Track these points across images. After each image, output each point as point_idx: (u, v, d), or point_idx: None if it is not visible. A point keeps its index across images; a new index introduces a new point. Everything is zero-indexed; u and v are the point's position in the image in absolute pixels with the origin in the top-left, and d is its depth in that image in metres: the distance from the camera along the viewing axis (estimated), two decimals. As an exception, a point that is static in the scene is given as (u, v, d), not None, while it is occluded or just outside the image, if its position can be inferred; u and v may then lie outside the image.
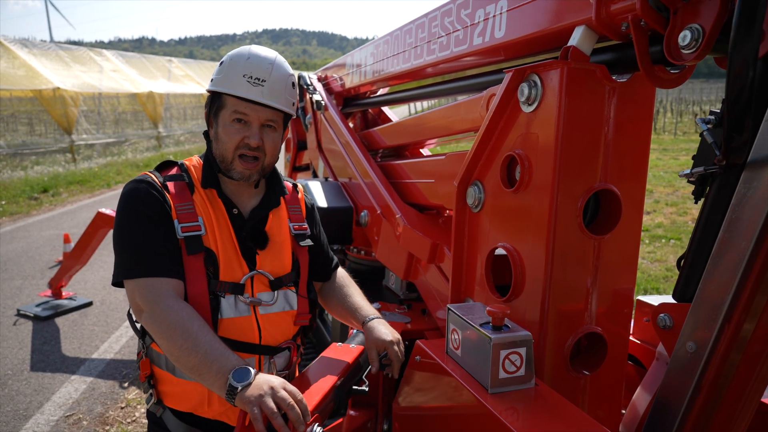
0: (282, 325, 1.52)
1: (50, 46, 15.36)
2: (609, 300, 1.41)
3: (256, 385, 1.17)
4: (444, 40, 1.92)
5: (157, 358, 1.45)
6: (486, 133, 1.51)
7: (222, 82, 1.43)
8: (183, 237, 1.36)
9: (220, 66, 1.46)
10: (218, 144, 1.46)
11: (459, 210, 1.65)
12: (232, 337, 1.42)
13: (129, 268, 1.34)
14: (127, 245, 1.36)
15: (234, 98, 1.41)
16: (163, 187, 1.40)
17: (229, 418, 1.48)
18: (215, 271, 1.40)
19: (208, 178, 1.46)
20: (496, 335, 1.17)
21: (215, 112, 1.46)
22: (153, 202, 1.37)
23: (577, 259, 1.35)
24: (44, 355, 3.96)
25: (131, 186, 1.40)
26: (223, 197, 1.47)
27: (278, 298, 1.51)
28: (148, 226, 1.35)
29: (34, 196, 10.30)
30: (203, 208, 1.43)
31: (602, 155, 1.34)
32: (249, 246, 1.47)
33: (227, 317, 1.41)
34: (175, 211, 1.38)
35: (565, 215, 1.31)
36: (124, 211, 1.38)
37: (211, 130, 1.49)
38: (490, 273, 1.57)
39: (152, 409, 1.48)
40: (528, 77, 1.36)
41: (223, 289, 1.40)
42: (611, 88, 1.32)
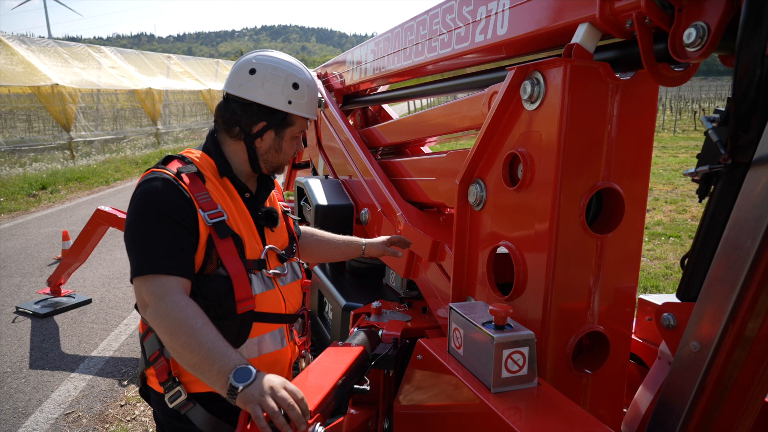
0: (296, 293, 1.67)
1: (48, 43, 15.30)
2: (611, 299, 1.41)
3: (256, 385, 1.18)
4: (445, 37, 1.91)
5: None
6: (488, 131, 1.51)
7: (305, 108, 1.57)
8: (211, 224, 1.42)
9: (296, 89, 1.54)
10: (279, 155, 1.59)
11: (460, 208, 1.65)
12: (267, 310, 1.53)
13: (139, 265, 1.35)
14: (138, 243, 1.38)
15: (303, 119, 1.59)
16: (178, 179, 1.43)
17: None
18: (243, 252, 1.48)
19: (224, 169, 1.54)
20: (498, 334, 1.16)
21: (281, 127, 1.56)
22: (171, 199, 1.39)
23: (579, 257, 1.35)
24: (43, 353, 3.95)
25: (147, 184, 1.41)
26: (236, 183, 1.56)
27: (288, 269, 1.65)
28: (166, 222, 1.37)
29: (33, 193, 10.27)
30: (219, 196, 1.49)
31: (605, 153, 1.33)
32: (260, 224, 1.58)
33: (260, 292, 1.51)
34: (196, 201, 1.42)
35: (568, 214, 1.30)
36: (138, 209, 1.40)
37: (261, 141, 1.56)
38: (491, 271, 1.56)
39: (178, 406, 1.46)
40: (531, 75, 1.35)
41: (251, 267, 1.49)
42: (614, 86, 1.31)
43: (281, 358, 1.59)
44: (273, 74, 1.53)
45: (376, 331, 1.86)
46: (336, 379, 1.35)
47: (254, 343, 1.51)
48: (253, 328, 1.50)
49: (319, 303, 2.90)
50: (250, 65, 1.53)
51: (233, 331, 1.46)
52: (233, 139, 1.57)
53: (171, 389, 1.46)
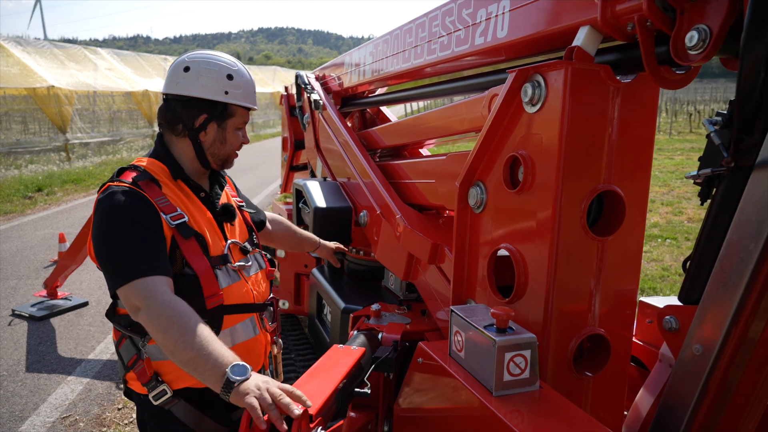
0: (262, 282, 1.75)
1: (45, 44, 15.24)
2: (612, 301, 1.40)
3: (252, 381, 1.24)
4: (445, 39, 1.91)
5: (160, 351, 1.48)
6: (488, 134, 1.50)
7: (242, 97, 1.63)
8: (174, 225, 1.48)
9: (231, 80, 1.61)
10: (224, 146, 1.65)
11: (460, 211, 1.64)
12: (236, 302, 1.60)
13: (123, 273, 1.38)
14: (115, 255, 1.42)
15: (243, 109, 1.65)
16: (136, 187, 1.48)
17: None
18: (206, 250, 1.54)
19: (177, 171, 1.60)
20: (500, 338, 1.16)
21: (222, 119, 1.62)
22: (135, 207, 1.45)
23: (580, 260, 1.34)
24: (40, 356, 3.92)
25: (108, 199, 1.46)
26: (190, 183, 1.62)
27: (252, 260, 1.72)
28: (136, 229, 1.42)
29: (29, 195, 10.22)
30: (176, 199, 1.55)
31: (606, 156, 1.33)
32: (219, 221, 1.65)
33: (226, 286, 1.57)
34: (157, 206, 1.47)
35: (569, 216, 1.30)
36: (106, 223, 1.44)
37: (205, 134, 1.62)
38: (492, 274, 1.56)
39: (163, 404, 1.52)
40: (531, 77, 1.35)
41: (215, 263, 1.56)
42: (615, 89, 1.31)
43: (255, 346, 1.68)
44: (207, 68, 1.59)
45: (375, 334, 1.86)
46: (337, 382, 1.34)
47: (227, 334, 1.58)
48: (224, 321, 1.56)
49: (317, 305, 2.89)
50: (184, 64, 1.60)
51: None
52: (179, 138, 1.62)
53: (155, 389, 1.52)
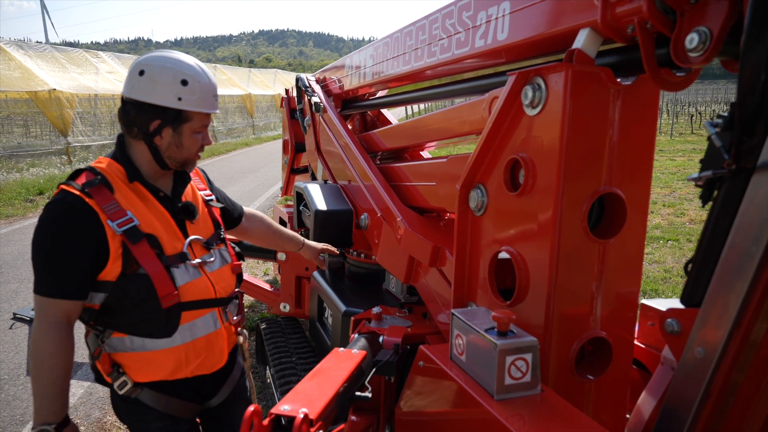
0: (226, 277, 1.77)
1: (46, 48, 15.28)
2: (614, 304, 1.40)
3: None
4: (445, 42, 1.91)
5: (121, 344, 1.58)
6: (489, 136, 1.50)
7: (197, 103, 1.60)
8: (121, 231, 1.50)
9: (185, 86, 1.57)
10: (181, 150, 1.63)
11: (461, 213, 1.64)
12: (194, 298, 1.63)
13: (35, 283, 1.50)
14: (35, 264, 1.50)
15: (202, 113, 1.62)
16: (84, 195, 1.49)
17: (204, 367, 1.70)
18: (161, 250, 1.57)
19: (133, 174, 1.60)
20: (501, 341, 1.15)
21: (177, 124, 1.60)
22: (70, 221, 1.48)
23: (581, 263, 1.34)
24: (40, 360, 3.93)
25: (50, 207, 1.49)
26: (147, 185, 1.63)
27: (216, 255, 1.75)
28: (56, 248, 1.47)
29: (30, 198, 10.24)
30: (128, 202, 1.56)
31: (607, 158, 1.33)
32: (180, 219, 1.67)
33: (184, 283, 1.60)
34: (103, 214, 1.49)
35: (570, 219, 1.30)
36: (37, 232, 1.49)
37: (161, 138, 1.60)
38: (493, 277, 1.56)
39: (127, 393, 1.60)
40: (532, 80, 1.35)
41: (173, 261, 1.59)
42: (616, 91, 1.31)
43: (216, 340, 1.72)
44: (160, 73, 1.56)
45: (376, 337, 1.85)
46: (338, 386, 1.34)
47: (186, 329, 1.63)
48: (182, 317, 1.61)
49: (318, 308, 2.89)
50: (140, 67, 1.57)
51: (162, 322, 1.58)
52: (135, 140, 1.62)
53: (117, 379, 1.59)
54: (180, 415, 1.70)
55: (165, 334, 1.58)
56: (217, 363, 1.76)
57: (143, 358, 1.59)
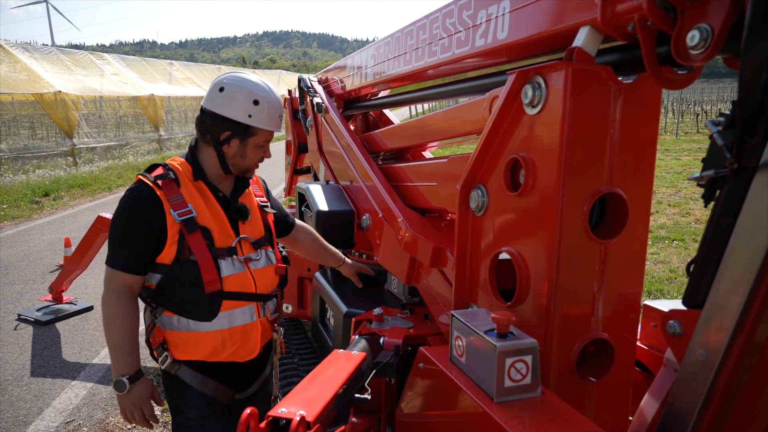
0: (269, 276, 1.94)
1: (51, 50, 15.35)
2: (616, 305, 1.38)
3: (127, 399, 1.73)
4: (445, 41, 1.90)
5: (170, 322, 1.80)
6: (489, 136, 1.49)
7: (265, 122, 1.81)
8: (180, 220, 1.71)
9: (256, 105, 1.79)
10: (243, 159, 1.84)
11: (462, 214, 1.63)
12: (236, 290, 1.81)
13: (108, 257, 1.75)
14: (110, 240, 1.76)
15: (267, 131, 1.83)
16: (155, 186, 1.73)
17: (238, 355, 1.87)
18: (212, 242, 1.76)
19: (198, 173, 1.82)
20: (501, 343, 1.14)
21: (244, 137, 1.81)
22: (142, 206, 1.71)
23: (582, 263, 1.33)
24: (45, 360, 3.93)
25: (128, 193, 1.75)
26: (209, 185, 1.83)
27: (262, 255, 1.92)
28: (130, 228, 1.72)
29: (36, 200, 10.29)
30: (191, 197, 1.77)
31: (608, 158, 1.32)
32: (234, 218, 1.86)
33: (228, 274, 1.78)
34: (167, 203, 1.71)
35: (571, 219, 1.28)
36: (116, 213, 1.76)
37: (229, 147, 1.82)
38: (494, 278, 1.54)
39: (167, 368, 1.82)
40: (532, 79, 1.34)
41: (221, 254, 1.77)
42: (617, 90, 1.29)
43: (251, 332, 1.88)
44: (237, 92, 1.78)
45: (377, 339, 1.84)
46: (336, 388, 1.33)
47: (225, 316, 1.80)
48: (223, 305, 1.79)
49: (320, 309, 2.88)
50: (221, 84, 1.80)
51: (205, 307, 1.77)
52: (206, 146, 1.84)
53: (161, 353, 1.81)
54: (214, 396, 1.87)
55: (207, 318, 1.77)
56: (250, 353, 1.91)
57: (186, 338, 1.80)
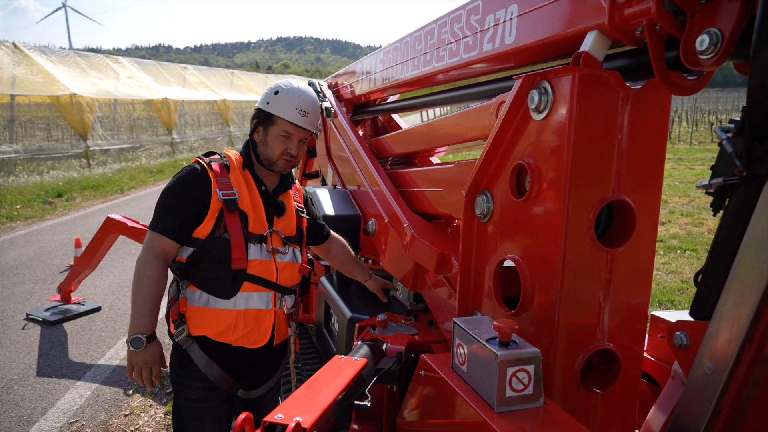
0: (292, 272, 2.07)
1: (68, 53, 15.53)
2: (622, 315, 1.36)
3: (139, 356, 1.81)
4: (453, 46, 1.88)
5: (192, 296, 1.92)
6: (495, 141, 1.47)
7: (279, 109, 1.96)
8: (223, 199, 1.87)
9: (276, 95, 1.98)
10: (266, 148, 2.00)
11: (467, 220, 1.61)
12: (258, 274, 1.94)
13: (152, 222, 1.89)
14: (158, 207, 1.91)
15: (285, 121, 1.96)
16: (208, 166, 1.92)
17: (248, 339, 1.97)
18: (246, 225, 1.92)
19: (247, 163, 2.01)
20: (503, 351, 1.12)
21: (266, 125, 1.99)
22: (192, 180, 1.89)
23: (588, 272, 1.30)
24: (51, 360, 3.95)
25: (185, 169, 1.94)
26: (255, 177, 2.01)
27: (289, 251, 2.06)
28: (178, 197, 1.89)
29: (49, 201, 10.40)
30: (237, 183, 1.95)
31: (615, 164, 1.29)
32: (271, 212, 2.02)
33: (254, 258, 1.92)
34: (216, 183, 1.89)
35: (577, 227, 1.26)
36: (171, 185, 1.93)
37: (257, 135, 2.02)
38: (498, 285, 1.52)
39: (181, 341, 1.93)
40: (538, 84, 1.32)
41: (252, 238, 1.93)
42: (625, 95, 1.27)
43: (265, 318, 1.99)
44: (271, 87, 2.02)
45: (380, 345, 1.82)
46: (336, 394, 1.31)
47: (243, 297, 1.93)
48: (243, 285, 1.91)
49: (325, 314, 2.87)
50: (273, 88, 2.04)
51: (227, 283, 1.89)
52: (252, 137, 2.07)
53: (178, 326, 1.92)
54: (217, 383, 1.96)
55: (226, 295, 1.90)
56: (260, 340, 2.00)
57: (203, 313, 1.92)
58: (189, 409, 1.99)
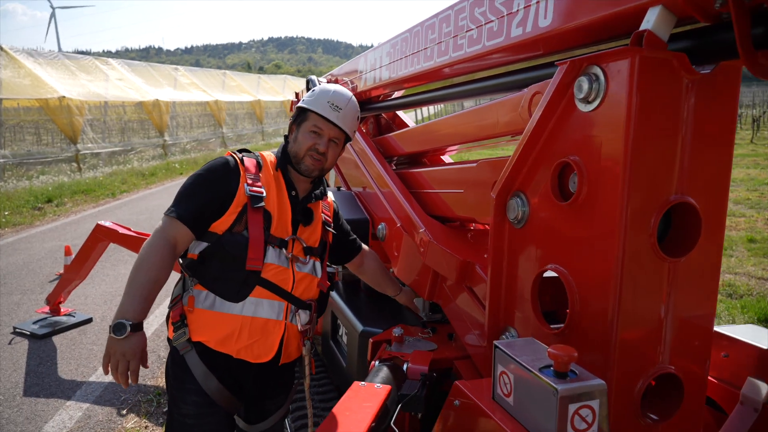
0: (309, 284, 1.91)
1: (56, 55, 15.24)
2: (685, 333, 1.20)
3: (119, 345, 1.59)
4: (474, 33, 1.71)
5: (198, 296, 1.77)
6: (532, 137, 1.31)
7: (311, 103, 1.89)
8: (249, 194, 1.76)
9: (312, 91, 1.95)
10: (295, 144, 1.90)
11: (497, 225, 1.45)
12: (272, 280, 1.79)
13: (169, 208, 1.75)
14: (179, 194, 1.78)
15: (316, 115, 1.87)
16: (239, 160, 1.83)
17: (251, 352, 1.79)
18: (268, 226, 1.79)
19: (280, 163, 1.91)
20: (563, 386, 0.95)
21: (299, 122, 1.91)
22: (219, 170, 1.78)
23: (648, 285, 1.14)
24: (39, 378, 3.72)
25: (216, 159, 1.84)
26: (286, 179, 1.90)
27: (309, 263, 1.92)
28: (202, 185, 1.77)
29: (38, 206, 10.13)
30: (267, 183, 1.85)
31: (679, 162, 1.13)
32: (297, 219, 1.89)
33: (271, 262, 1.78)
34: (245, 176, 1.79)
35: (636, 233, 1.10)
36: (198, 171, 1.81)
37: (291, 134, 1.94)
38: (537, 300, 1.35)
39: (179, 346, 1.77)
40: (586, 70, 1.16)
41: (272, 241, 1.79)
42: (690, 82, 1.10)
43: (273, 330, 1.81)
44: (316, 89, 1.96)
45: (400, 365, 1.65)
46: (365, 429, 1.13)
47: (252, 302, 1.77)
48: (255, 289, 1.76)
49: (332, 325, 2.69)
50: None
51: (237, 283, 1.75)
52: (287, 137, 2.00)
53: (178, 329, 1.77)
54: (215, 398, 1.78)
55: (235, 298, 1.75)
56: (265, 354, 1.82)
57: (207, 316, 1.76)
58: (182, 426, 1.80)
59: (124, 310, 1.62)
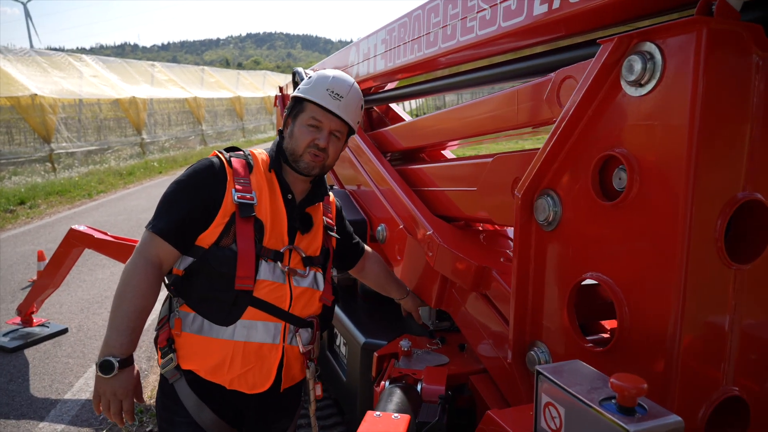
0: (310, 299, 1.70)
1: (27, 52, 14.75)
2: (751, 350, 1.05)
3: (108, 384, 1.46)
4: (487, 13, 1.54)
5: (185, 319, 1.59)
6: (567, 127, 1.15)
7: (308, 92, 1.68)
8: (237, 202, 1.56)
9: (308, 79, 1.74)
10: (292, 140, 1.68)
11: (523, 228, 1.28)
12: (266, 299, 1.59)
13: (150, 222, 1.56)
14: (160, 204, 1.59)
15: (314, 106, 1.66)
16: (226, 161, 1.62)
17: (245, 382, 1.60)
18: (261, 238, 1.59)
19: (274, 163, 1.70)
20: (635, 426, 0.78)
21: (295, 114, 1.71)
22: (204, 176, 1.58)
23: (714, 296, 0.99)
24: (9, 397, 3.43)
25: (199, 162, 1.64)
26: (281, 181, 1.69)
27: (310, 275, 1.70)
28: (184, 196, 1.57)
29: (10, 209, 9.72)
30: (258, 186, 1.63)
31: (747, 154, 0.97)
32: (294, 226, 1.69)
33: (264, 279, 1.58)
34: (232, 181, 1.59)
35: (701, 238, 0.95)
36: (179, 177, 1.62)
37: (287, 129, 1.73)
38: (573, 313, 1.19)
39: (168, 374, 1.60)
40: (637, 47, 1.00)
41: (265, 254, 1.59)
42: (761, 59, 0.95)
43: (269, 355, 1.62)
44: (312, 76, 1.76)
45: (413, 387, 1.47)
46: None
47: (245, 325, 1.58)
48: (247, 310, 1.57)
49: (328, 334, 2.51)
50: None
51: (227, 306, 1.55)
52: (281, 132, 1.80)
53: (166, 355, 1.59)
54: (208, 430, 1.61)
55: (224, 321, 1.57)
56: (261, 384, 1.63)
57: (195, 342, 1.58)
58: None
59: (110, 346, 1.47)
